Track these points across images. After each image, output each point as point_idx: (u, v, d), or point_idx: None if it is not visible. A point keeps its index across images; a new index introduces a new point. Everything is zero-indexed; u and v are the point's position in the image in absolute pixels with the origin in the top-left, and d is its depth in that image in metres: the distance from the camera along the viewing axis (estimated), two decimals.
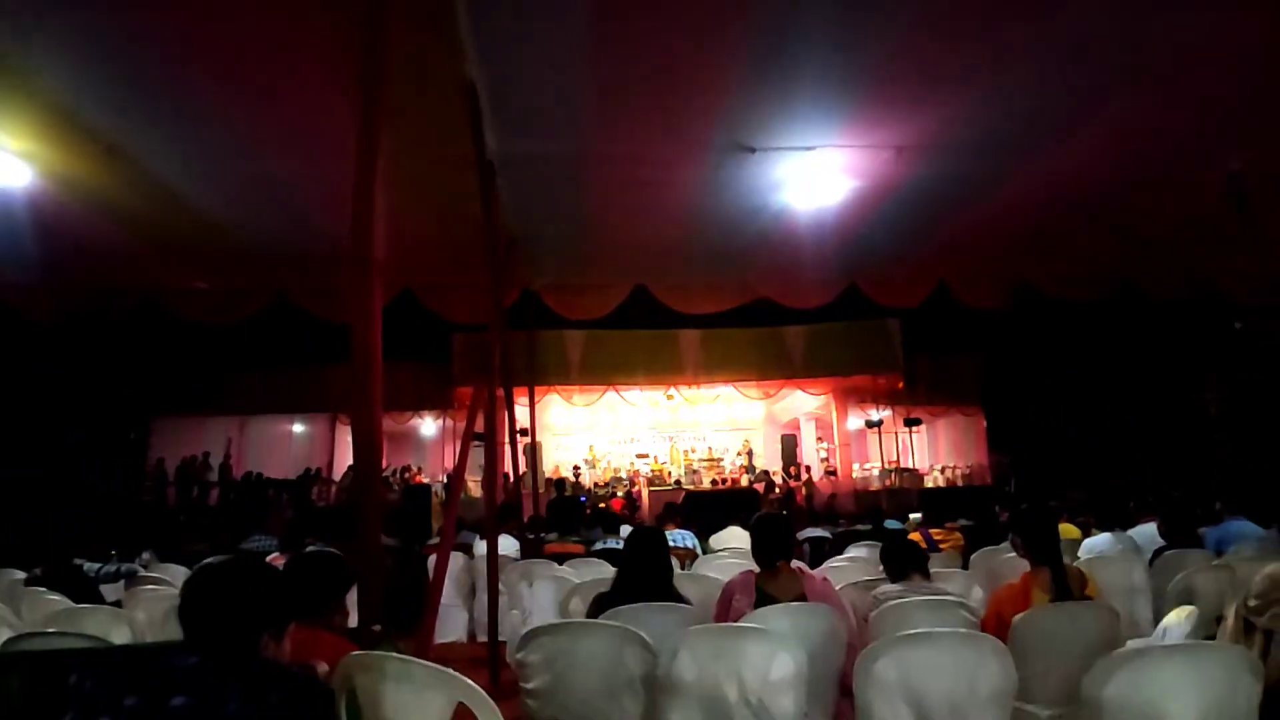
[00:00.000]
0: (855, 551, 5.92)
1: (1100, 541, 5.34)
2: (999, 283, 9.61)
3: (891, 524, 8.02)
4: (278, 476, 15.40)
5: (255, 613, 1.55)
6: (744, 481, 17.83)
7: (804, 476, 18.02)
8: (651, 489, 17.20)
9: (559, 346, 14.99)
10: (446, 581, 5.91)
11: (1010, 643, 2.78)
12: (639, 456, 18.89)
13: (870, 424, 16.97)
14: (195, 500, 14.85)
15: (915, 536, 6.04)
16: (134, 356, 13.69)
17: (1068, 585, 2.92)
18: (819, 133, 5.75)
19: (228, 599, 1.53)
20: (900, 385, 16.97)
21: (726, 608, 2.85)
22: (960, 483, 18.16)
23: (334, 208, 5.02)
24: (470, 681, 1.59)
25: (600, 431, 19.05)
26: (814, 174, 6.33)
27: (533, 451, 11.46)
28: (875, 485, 17.82)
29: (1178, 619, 2.49)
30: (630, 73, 4.88)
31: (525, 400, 9.80)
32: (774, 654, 2.26)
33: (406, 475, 16.04)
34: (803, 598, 2.80)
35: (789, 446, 19.63)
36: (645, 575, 2.89)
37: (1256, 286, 7.26)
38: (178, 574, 5.17)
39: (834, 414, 18.51)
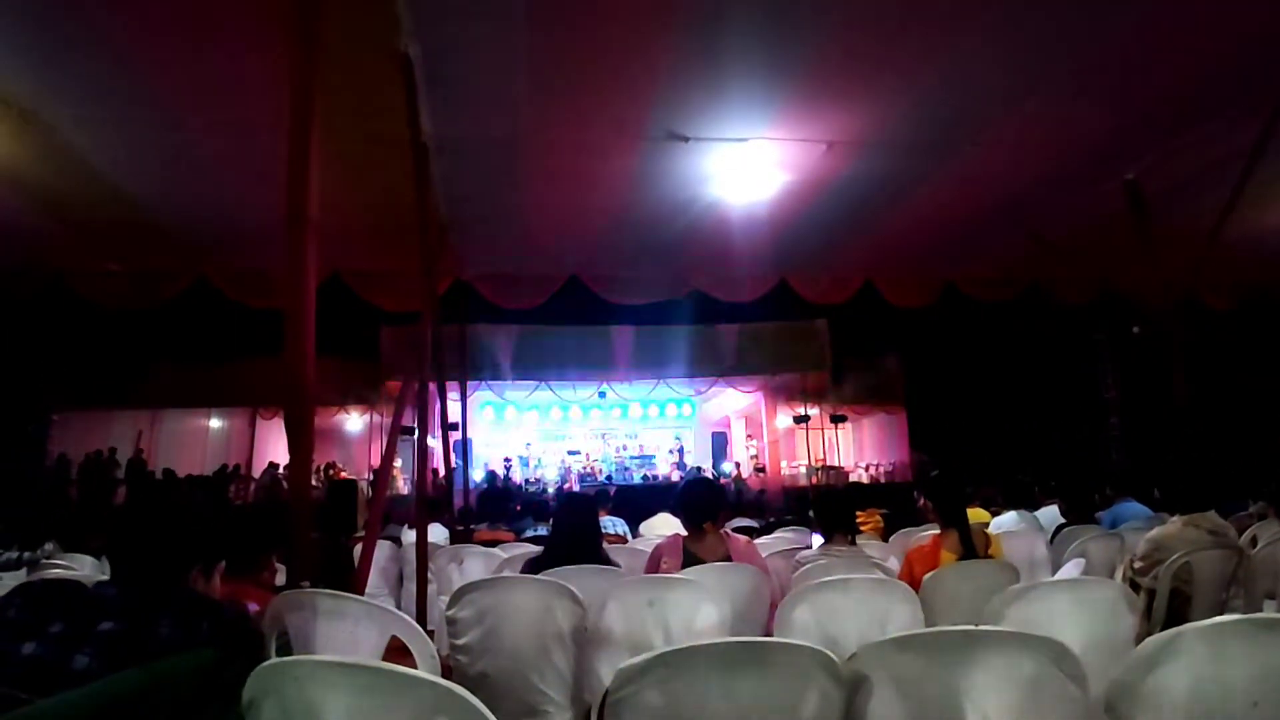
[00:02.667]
0: (781, 533, 6.10)
1: (1007, 519, 5.65)
2: (924, 282, 10.02)
3: None
4: (194, 474, 14.77)
5: (185, 544, 1.56)
6: (675, 478, 18.03)
7: (734, 473, 18.35)
8: (583, 485, 17.23)
9: (491, 341, 14.87)
10: (375, 571, 5.83)
11: (921, 596, 2.96)
12: (570, 453, 18.90)
13: (798, 420, 17.39)
14: (99, 499, 14.10)
15: None
16: (36, 343, 12.91)
17: (973, 545, 3.11)
18: (752, 124, 5.91)
19: (159, 528, 1.53)
20: (827, 384, 17.43)
21: (655, 568, 2.94)
22: (883, 479, 18.79)
23: (262, 187, 4.92)
24: (404, 615, 1.62)
25: (532, 427, 18.98)
26: (747, 166, 6.50)
27: (464, 446, 11.36)
28: (803, 482, 18.22)
29: (1070, 567, 2.70)
30: (564, 55, 4.93)
31: (457, 395, 9.73)
32: (699, 604, 2.35)
33: (331, 471, 15.64)
34: (728, 558, 2.91)
35: (719, 444, 19.96)
36: (575, 539, 2.95)
37: (1152, 292, 7.76)
38: (85, 562, 4.96)
39: (763, 412, 18.90)
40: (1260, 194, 6.87)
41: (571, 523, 3.03)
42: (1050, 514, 6.39)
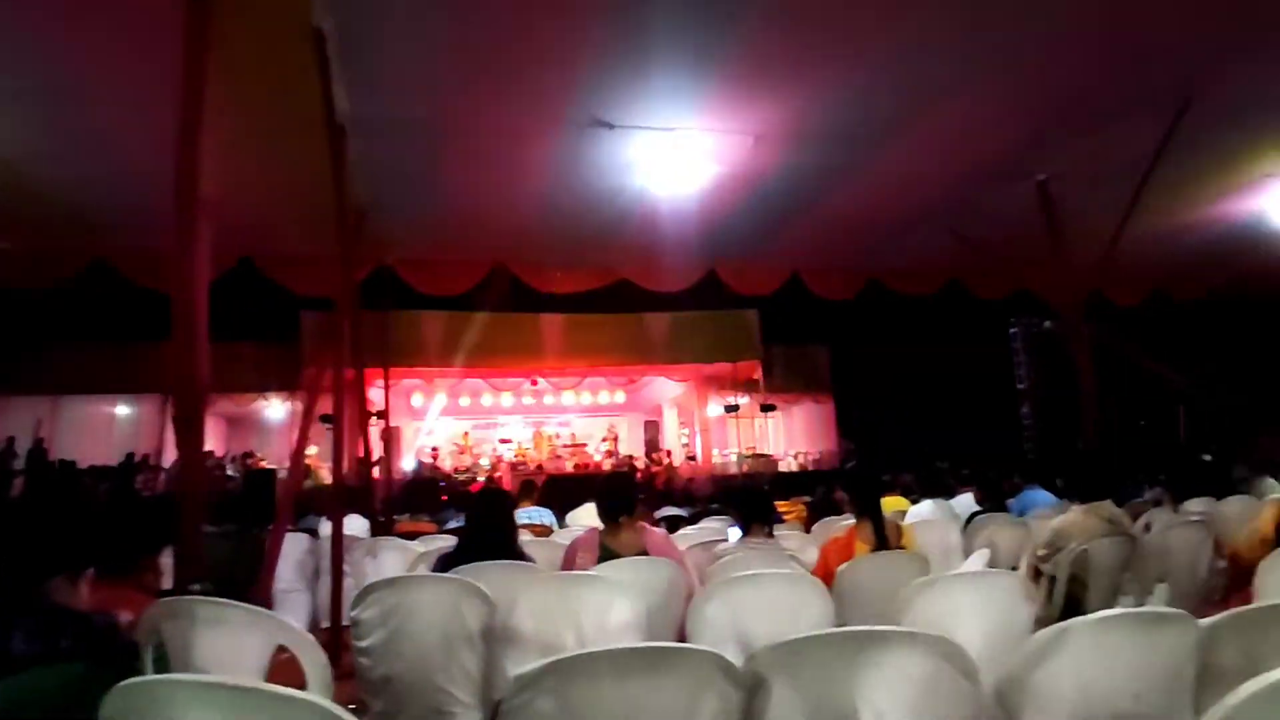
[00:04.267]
0: (706, 523, 6.14)
1: (923, 508, 5.81)
2: (848, 276, 10.23)
3: None
4: (100, 463, 13.97)
5: (45, 551, 1.43)
6: (607, 467, 18.02)
7: (665, 462, 18.45)
8: (514, 474, 17.06)
9: (416, 328, 14.50)
10: (289, 566, 5.63)
11: (835, 588, 3.01)
12: (502, 442, 18.68)
13: (729, 409, 17.58)
14: None
15: None
16: None
17: (886, 536, 3.18)
18: (678, 114, 5.89)
19: (14, 535, 1.40)
20: (758, 373, 17.65)
21: (571, 564, 2.90)
22: (811, 467, 19.18)
23: (159, 165, 4.64)
24: (291, 621, 1.54)
25: (462, 416, 18.68)
26: (675, 156, 6.47)
27: (388, 435, 11.08)
28: (733, 470, 18.42)
29: (975, 559, 2.77)
30: (485, 35, 4.79)
31: (386, 382, 9.47)
32: (611, 601, 2.32)
33: (249, 461, 15.05)
34: (644, 553, 2.89)
35: (652, 432, 20.04)
36: (488, 534, 2.88)
37: (1061, 288, 8.10)
38: None
39: (695, 401, 19.03)
40: (1160, 196, 7.23)
41: (485, 517, 2.95)
42: (965, 501, 6.61)
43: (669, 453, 18.90)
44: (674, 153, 6.35)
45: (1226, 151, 7.16)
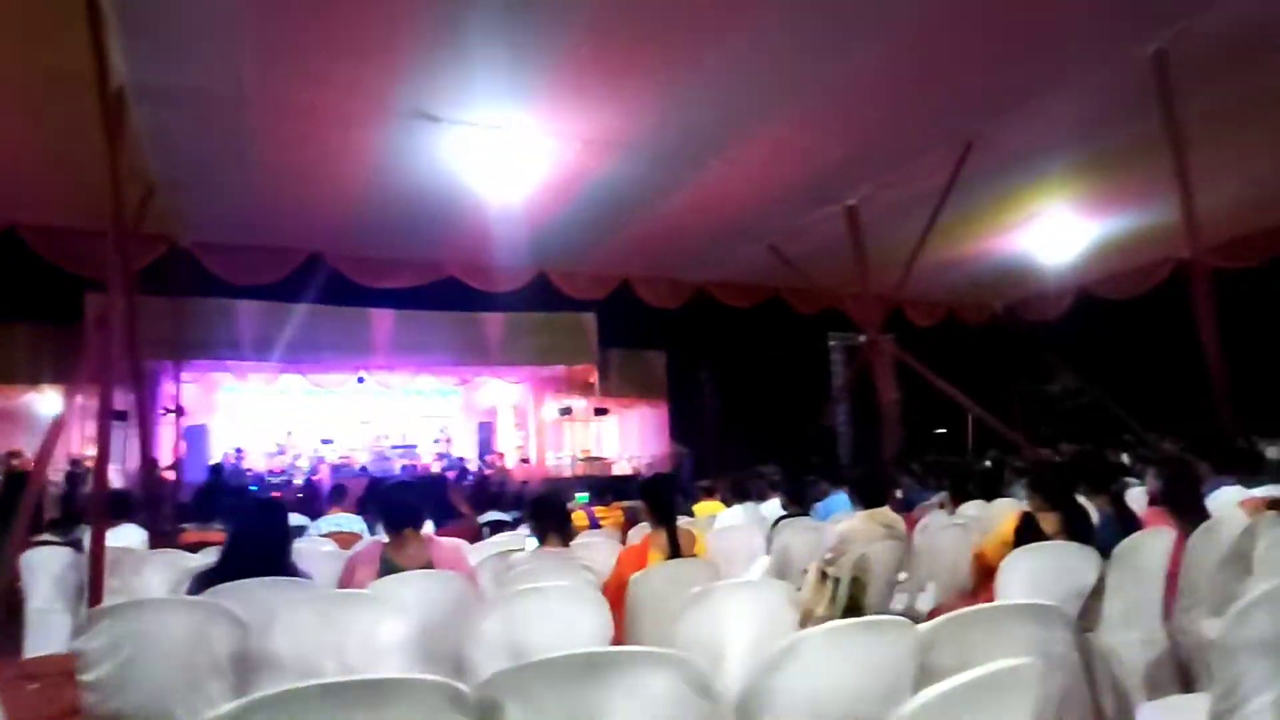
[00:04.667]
0: (524, 529, 6.05)
1: (734, 514, 6.05)
2: (676, 286, 10.50)
3: (569, 503, 8.40)
4: None
5: None
6: (437, 469, 17.44)
7: (498, 464, 18.14)
8: (336, 476, 16.09)
9: (228, 318, 13.34)
10: (46, 582, 5.02)
11: (628, 597, 3.04)
12: (324, 441, 17.56)
13: (563, 411, 17.56)
14: None
15: (580, 513, 6.39)
16: None
17: (679, 545, 3.24)
18: (507, 112, 5.78)
19: None
20: (594, 377, 17.74)
21: (349, 580, 2.72)
22: (644, 471, 19.54)
23: None
24: None
25: (280, 415, 17.38)
26: (502, 155, 6.34)
27: (189, 433, 10.10)
28: (567, 473, 18.40)
29: (756, 567, 2.89)
30: (292, 10, 4.46)
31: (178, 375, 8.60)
32: (379, 620, 2.20)
33: (14, 461, 13.18)
34: (430, 565, 2.77)
35: (486, 434, 19.62)
36: (255, 548, 2.64)
37: (866, 309, 8.74)
38: None
39: (531, 402, 18.85)
40: (949, 228, 7.97)
41: (252, 528, 2.70)
42: (773, 507, 6.97)
43: (502, 455, 18.58)
44: (501, 151, 6.23)
45: (1003, 192, 8.02)
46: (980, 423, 16.96)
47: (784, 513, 6.04)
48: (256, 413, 17.11)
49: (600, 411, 17.69)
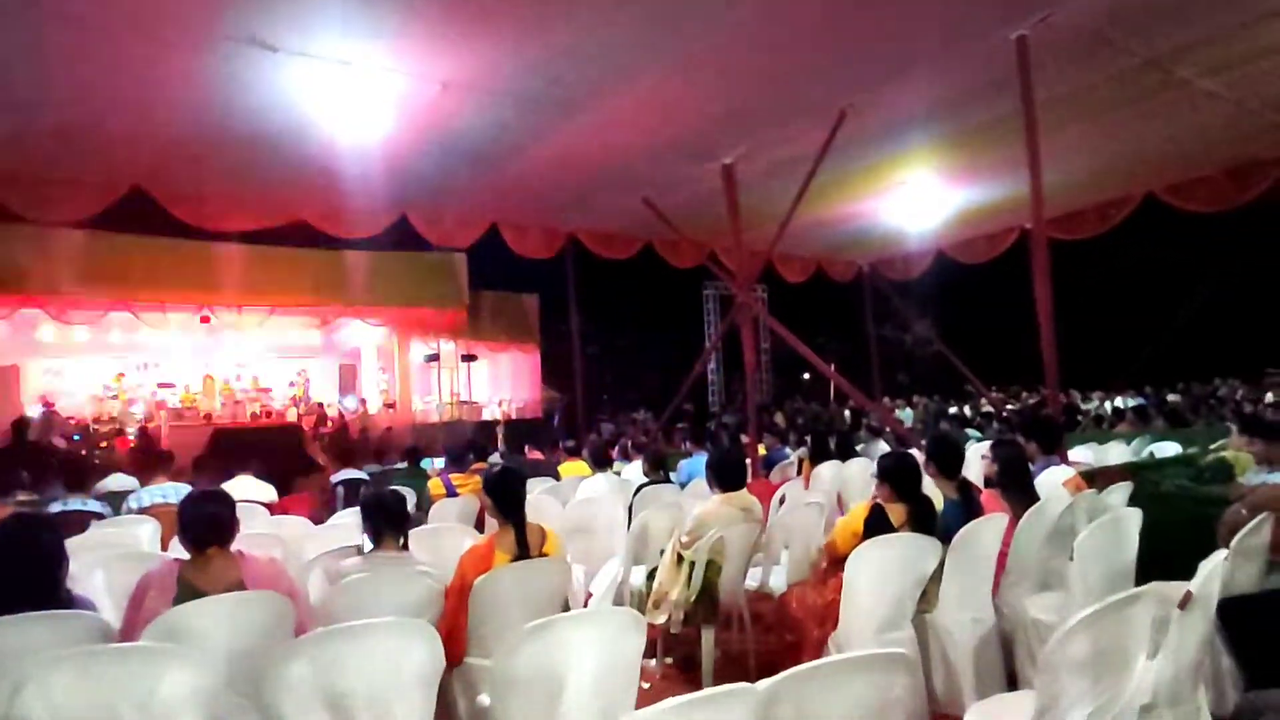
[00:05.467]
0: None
1: (595, 483, 5.94)
2: (547, 234, 10.12)
3: (426, 463, 8.05)
4: None
5: None
6: (293, 416, 16.43)
7: (360, 409, 17.30)
8: (176, 425, 14.81)
9: (41, 248, 11.76)
10: None
11: (472, 602, 2.85)
12: (162, 386, 16.02)
13: (429, 358, 16.93)
14: None
15: (436, 481, 6.09)
16: None
17: (528, 544, 3.07)
18: (356, 47, 5.19)
19: None
20: (463, 320, 17.13)
21: (138, 609, 2.37)
22: (515, 416, 19.26)
23: None
24: None
25: (110, 356, 15.68)
26: (354, 93, 5.74)
27: None
28: (435, 418, 17.86)
29: (603, 579, 2.76)
30: None
31: None
32: (160, 672, 1.90)
33: None
34: (240, 586, 2.46)
35: (347, 378, 18.64)
36: (15, 576, 2.23)
37: (739, 264, 8.75)
38: None
39: (396, 346, 18.01)
40: (822, 190, 8.02)
41: (8, 555, 2.27)
42: (635, 470, 6.94)
43: (364, 400, 17.74)
44: (350, 89, 5.62)
45: (873, 159, 8.14)
46: (842, 371, 17.77)
47: (645, 480, 6.01)
48: (81, 355, 15.37)
49: (469, 357, 17.18)
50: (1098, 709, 2.09)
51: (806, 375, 24.29)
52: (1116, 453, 8.08)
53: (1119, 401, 13.68)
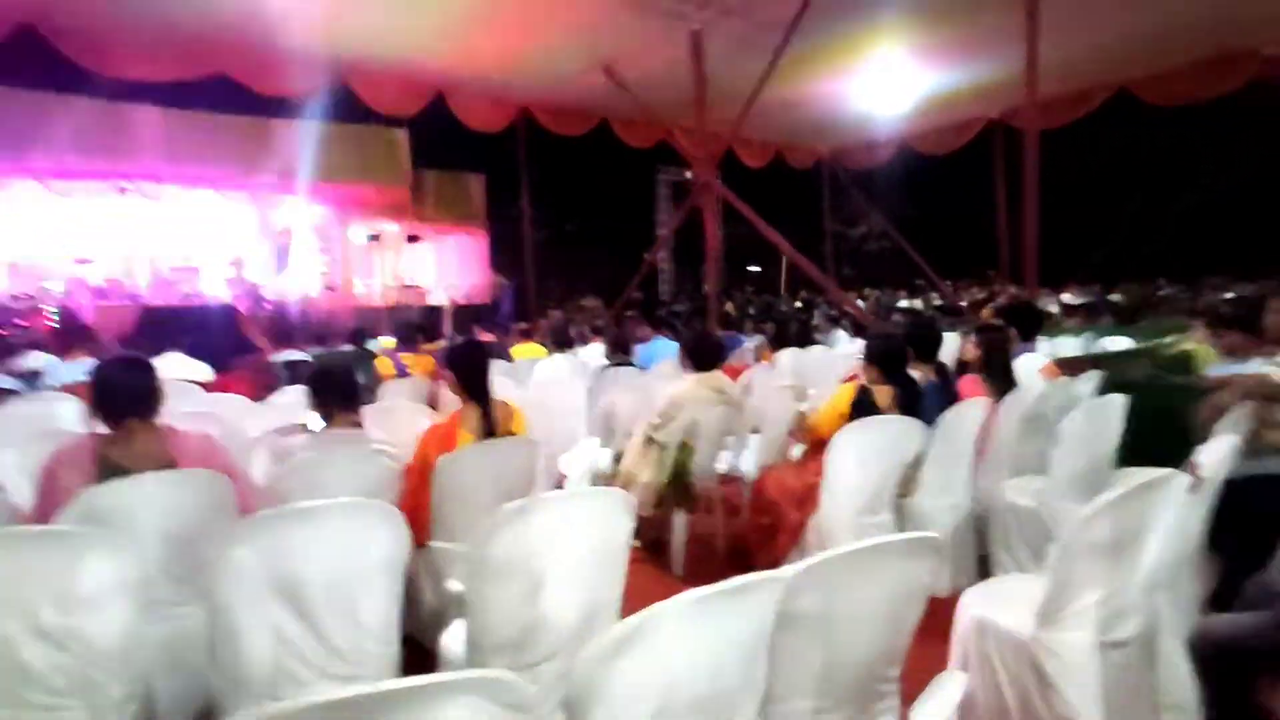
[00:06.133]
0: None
1: (554, 364, 5.68)
2: (499, 106, 9.43)
3: (373, 345, 7.66)
4: None
5: None
6: (227, 296, 15.56)
7: (300, 292, 16.52)
8: (101, 304, 13.85)
9: None
10: None
11: (435, 483, 2.61)
12: (79, 262, 14.86)
13: (371, 238, 16.13)
14: None
15: (385, 360, 5.76)
16: None
17: (494, 422, 2.82)
18: None
19: None
20: (407, 200, 16.30)
21: (51, 490, 2.05)
22: (462, 301, 18.73)
23: None
24: None
25: (18, 229, 14.36)
26: None
27: None
28: (377, 302, 17.23)
29: (579, 459, 2.54)
30: None
31: None
32: (79, 559, 1.62)
33: None
34: (171, 464, 2.16)
35: (285, 258, 17.69)
36: None
37: (699, 145, 8.31)
38: None
39: (336, 225, 17.07)
40: (790, 66, 7.55)
41: None
42: (595, 352, 6.70)
43: (304, 282, 16.92)
44: None
45: (846, 31, 7.64)
46: (793, 264, 17.66)
47: (607, 361, 5.78)
48: None
49: (413, 238, 16.42)
50: (1108, 593, 2.00)
51: (756, 267, 24.18)
52: (1068, 346, 8.18)
53: (1067, 298, 13.90)
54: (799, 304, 15.86)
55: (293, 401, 4.10)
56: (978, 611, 2.21)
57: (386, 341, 7.62)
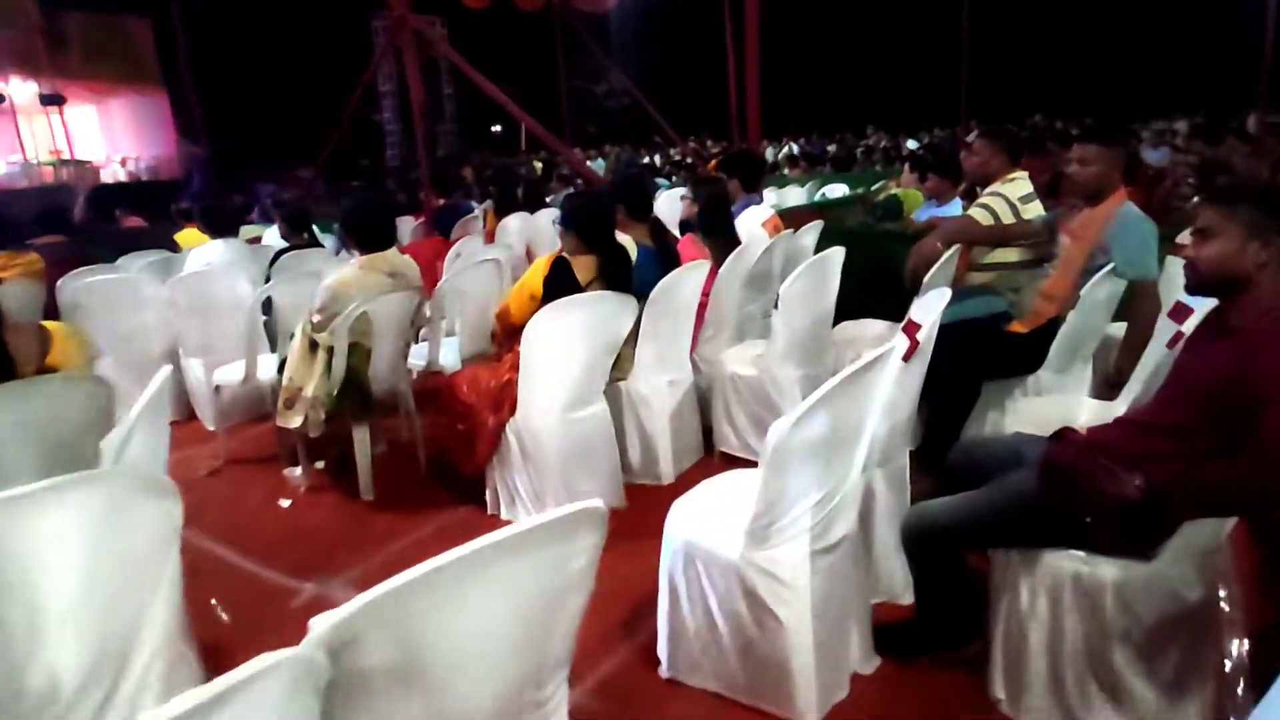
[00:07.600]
0: None
1: (210, 250, 4.49)
2: None
3: None
4: None
5: None
6: None
7: None
8: None
9: None
10: None
11: None
12: None
13: None
14: None
15: None
16: None
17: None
18: None
19: None
20: (35, 48, 12.84)
21: None
22: (146, 176, 15.65)
23: None
24: None
25: None
26: None
27: None
28: (21, 183, 13.83)
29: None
30: None
31: None
32: None
33: None
34: None
35: None
36: None
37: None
38: None
39: None
40: None
41: None
42: (275, 235, 5.52)
43: None
44: None
45: None
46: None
47: (285, 244, 4.68)
48: None
49: (53, 99, 13.06)
50: (822, 497, 1.66)
51: (497, 128, 22.71)
52: (795, 195, 8.30)
53: (789, 148, 14.38)
54: (539, 165, 15.01)
55: None
56: (684, 533, 1.81)
57: None
